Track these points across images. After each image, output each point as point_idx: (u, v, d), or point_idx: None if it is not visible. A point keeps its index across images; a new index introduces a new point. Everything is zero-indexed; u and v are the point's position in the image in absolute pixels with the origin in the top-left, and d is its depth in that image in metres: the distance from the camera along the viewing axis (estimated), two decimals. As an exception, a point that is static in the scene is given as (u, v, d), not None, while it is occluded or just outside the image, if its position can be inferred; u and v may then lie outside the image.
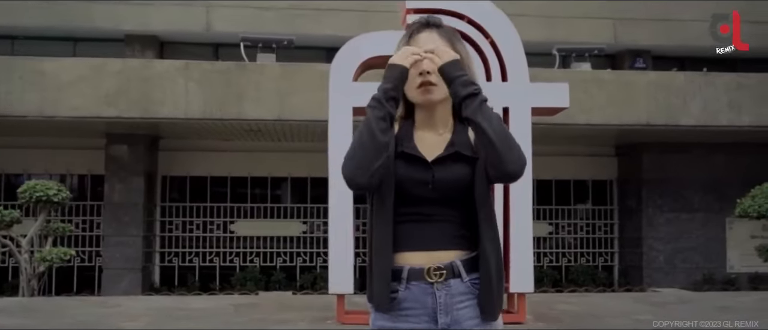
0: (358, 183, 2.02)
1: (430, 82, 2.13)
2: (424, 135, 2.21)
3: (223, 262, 12.90)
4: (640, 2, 12.66)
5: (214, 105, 10.21)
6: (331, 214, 6.03)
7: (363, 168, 2.02)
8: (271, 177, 13.13)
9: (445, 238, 2.14)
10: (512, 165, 2.04)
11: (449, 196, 2.13)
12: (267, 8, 12.56)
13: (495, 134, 2.03)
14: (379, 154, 2.02)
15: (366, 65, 6.17)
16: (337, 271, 5.93)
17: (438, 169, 2.13)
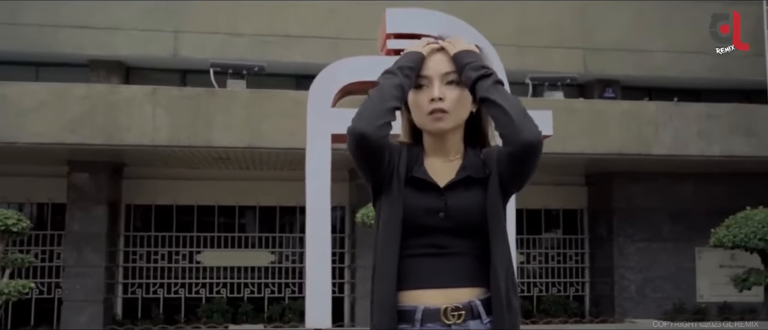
0: (363, 132, 1.90)
1: (442, 110, 2.00)
2: (435, 162, 2.07)
3: (188, 294, 12.54)
4: (610, 33, 12.76)
5: (182, 132, 9.97)
6: (308, 243, 5.83)
7: (370, 120, 1.92)
8: (239, 206, 12.86)
9: (462, 274, 1.97)
10: (528, 133, 1.91)
11: (463, 226, 1.97)
12: (236, 34, 12.39)
13: (510, 106, 1.94)
14: (388, 114, 1.93)
15: (345, 91, 6.03)
16: (314, 304, 5.73)
17: (450, 196, 1.99)
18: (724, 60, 13.32)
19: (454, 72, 2.03)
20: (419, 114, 2.04)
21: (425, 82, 2.04)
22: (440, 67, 2.04)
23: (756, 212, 8.58)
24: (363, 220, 8.45)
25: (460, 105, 2.03)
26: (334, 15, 12.63)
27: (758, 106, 11.71)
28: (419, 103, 2.03)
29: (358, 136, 1.92)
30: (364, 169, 2.01)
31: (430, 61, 2.06)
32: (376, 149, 1.94)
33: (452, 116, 2.01)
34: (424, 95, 2.02)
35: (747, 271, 8.70)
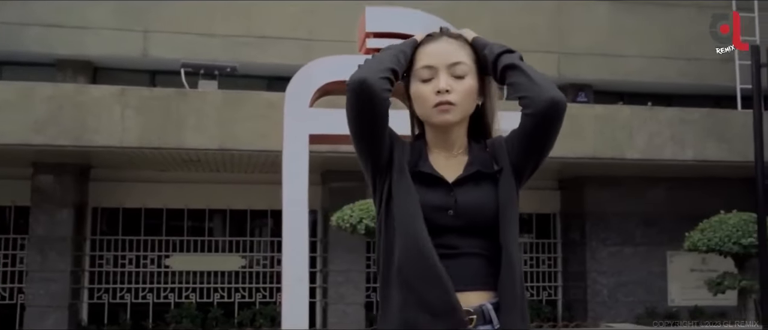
0: (364, 77, 1.81)
1: (449, 102, 1.88)
2: (439, 156, 1.95)
3: (157, 299, 12.27)
4: (584, 37, 12.79)
5: (152, 133, 9.74)
6: (285, 246, 5.69)
7: (370, 69, 1.84)
8: (209, 209, 12.63)
9: (473, 276, 1.85)
10: (553, 91, 1.85)
11: (474, 224, 1.86)
12: (208, 35, 12.19)
13: (534, 73, 1.88)
14: (387, 71, 1.85)
15: (322, 91, 5.90)
16: (291, 307, 5.58)
17: (459, 192, 1.87)
18: (696, 65, 13.46)
19: (461, 63, 1.92)
20: (424, 106, 1.92)
21: (430, 73, 1.92)
22: (446, 57, 1.92)
23: (730, 216, 8.62)
24: (338, 223, 8.31)
25: (467, 97, 1.92)
26: (307, 16, 12.50)
27: (730, 111, 11.81)
28: (424, 94, 1.91)
29: (359, 81, 1.81)
30: (365, 134, 1.88)
31: (434, 51, 1.94)
32: (379, 103, 1.82)
33: (459, 109, 1.91)
34: (430, 87, 1.91)
35: (721, 275, 8.73)
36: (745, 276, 8.66)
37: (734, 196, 11.75)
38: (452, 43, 1.95)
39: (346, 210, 8.28)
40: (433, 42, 1.96)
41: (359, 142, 1.91)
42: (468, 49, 1.96)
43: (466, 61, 1.93)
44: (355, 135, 1.90)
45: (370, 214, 8.02)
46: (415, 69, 1.95)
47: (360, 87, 1.81)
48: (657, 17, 13.49)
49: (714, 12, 13.50)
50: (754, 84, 7.18)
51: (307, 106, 5.78)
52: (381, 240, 1.91)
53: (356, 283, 12.04)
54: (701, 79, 13.43)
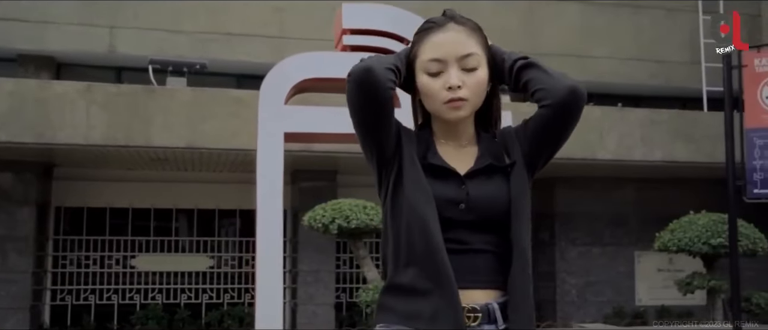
0: (370, 66, 1.72)
1: (460, 98, 1.80)
2: (447, 147, 1.87)
3: (122, 300, 12.02)
4: (555, 38, 12.82)
5: (118, 131, 9.52)
6: (259, 246, 5.56)
7: (375, 61, 1.76)
8: (176, 209, 12.42)
9: (481, 273, 1.78)
10: (570, 82, 1.78)
11: (485, 219, 1.78)
12: (176, 31, 11.96)
13: (549, 68, 1.83)
14: (390, 71, 1.78)
15: (298, 88, 5.79)
16: (265, 307, 5.47)
17: (471, 185, 1.79)
18: (664, 67, 13.59)
19: (472, 54, 1.82)
20: (434, 102, 1.83)
21: (439, 67, 1.82)
22: (456, 49, 1.82)
23: (699, 217, 8.68)
24: (310, 223, 8.19)
25: (479, 90, 1.84)
26: (278, 14, 12.35)
27: (698, 113, 11.93)
28: (433, 90, 1.82)
29: (365, 69, 1.73)
30: (370, 125, 1.79)
31: (442, 41, 1.83)
32: (383, 92, 1.74)
33: (471, 103, 1.83)
34: (439, 82, 1.81)
35: (691, 276, 8.79)
36: (714, 276, 8.72)
37: (701, 197, 11.86)
38: (461, 31, 1.84)
39: (318, 210, 8.17)
40: (441, 31, 1.84)
41: (364, 133, 1.82)
42: (476, 35, 1.86)
43: (476, 51, 1.84)
44: (359, 126, 1.82)
45: (343, 213, 7.92)
46: (421, 60, 1.85)
47: (365, 75, 1.73)
48: (627, 19, 13.59)
49: (682, 15, 13.70)
50: (725, 86, 7.23)
51: (282, 104, 5.66)
52: (389, 233, 1.82)
53: (326, 284, 11.93)
54: (669, 81, 13.57)
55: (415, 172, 1.78)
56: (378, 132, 1.80)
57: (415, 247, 1.73)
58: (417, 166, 1.78)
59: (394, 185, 1.81)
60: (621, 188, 12.76)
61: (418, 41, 1.87)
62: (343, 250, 12.32)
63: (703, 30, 13.40)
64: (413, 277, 1.73)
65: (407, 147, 1.82)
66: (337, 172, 11.91)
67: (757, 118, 7.12)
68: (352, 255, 12.30)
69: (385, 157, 1.83)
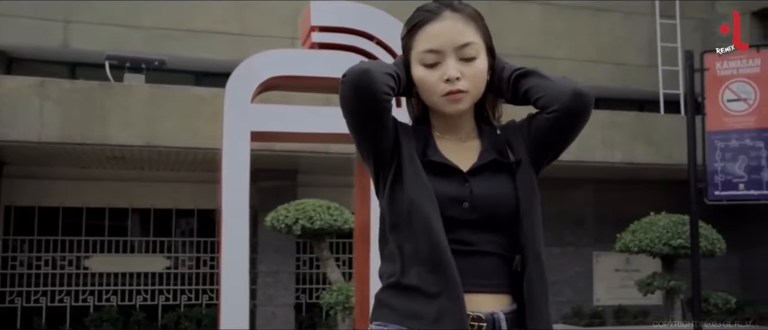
0: (367, 68, 1.63)
1: (459, 90, 1.71)
2: (447, 142, 1.77)
3: (75, 302, 11.70)
4: (515, 38, 12.87)
5: (73, 128, 9.24)
6: (224, 247, 5.41)
7: (373, 64, 1.67)
8: (132, 208, 12.13)
9: (487, 275, 1.68)
10: (575, 85, 1.71)
11: (490, 218, 1.68)
12: (133, 27, 11.67)
13: (550, 75, 1.76)
14: (389, 77, 1.70)
15: (265, 86, 5.65)
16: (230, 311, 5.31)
17: (475, 182, 1.70)
18: (622, 70, 13.76)
19: (471, 44, 1.73)
20: (431, 95, 1.74)
21: (436, 58, 1.73)
22: (454, 38, 1.72)
23: (659, 218, 8.78)
24: (273, 224, 8.05)
25: (479, 81, 1.76)
26: (239, 11, 12.15)
27: (656, 115, 12.11)
28: (430, 82, 1.73)
29: (362, 71, 1.63)
30: (366, 128, 1.69)
31: (439, 31, 1.73)
32: (380, 97, 1.64)
33: (471, 95, 1.74)
34: (437, 73, 1.72)
35: (651, 276, 8.89)
36: (673, 276, 8.83)
37: (658, 198, 12.04)
38: (458, 19, 1.74)
39: (281, 210, 8.04)
40: (437, 21, 1.73)
41: (359, 136, 1.73)
42: (474, 22, 1.77)
43: (475, 39, 1.75)
44: (353, 129, 1.72)
45: (307, 214, 7.81)
46: (417, 51, 1.75)
47: (361, 78, 1.62)
48: (585, 22, 13.72)
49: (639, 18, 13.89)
50: (687, 90, 7.32)
51: (248, 102, 5.51)
52: (390, 235, 1.72)
53: (286, 285, 11.79)
54: (627, 84, 13.75)
55: (416, 170, 1.69)
56: (374, 135, 1.71)
57: (419, 248, 1.64)
58: (417, 164, 1.70)
59: (392, 184, 1.71)
60: (580, 189, 12.88)
61: (413, 31, 1.77)
62: (303, 250, 12.20)
63: (660, 34, 13.61)
64: (419, 279, 1.64)
65: (406, 144, 1.73)
66: (298, 172, 11.78)
67: (718, 121, 7.22)
68: (312, 255, 12.18)
69: (382, 158, 1.74)
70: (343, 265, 12.01)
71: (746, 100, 7.15)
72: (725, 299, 8.87)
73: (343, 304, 7.89)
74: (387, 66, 1.72)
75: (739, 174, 7.09)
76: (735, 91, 7.17)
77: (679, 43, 13.41)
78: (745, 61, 7.23)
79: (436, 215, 1.64)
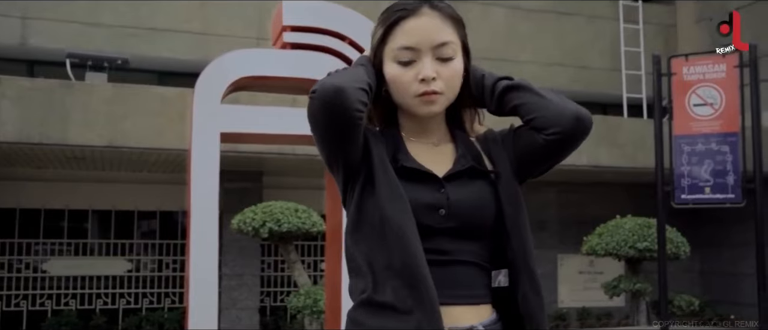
0: (341, 85, 1.53)
1: (434, 91, 1.62)
2: (417, 147, 1.68)
3: (32, 306, 11.39)
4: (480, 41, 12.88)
5: (32, 128, 8.98)
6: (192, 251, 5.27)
7: (345, 78, 1.57)
8: (93, 210, 11.86)
9: (467, 287, 1.60)
10: (573, 105, 1.65)
11: (470, 226, 1.61)
12: (94, 25, 11.41)
13: (544, 90, 1.66)
14: (363, 92, 1.58)
15: (236, 85, 5.54)
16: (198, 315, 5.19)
17: (452, 188, 1.61)
18: (586, 73, 13.88)
19: (448, 43, 1.64)
20: (404, 94, 1.65)
21: (411, 56, 1.64)
22: (431, 36, 1.64)
23: (626, 221, 8.86)
24: (239, 227, 7.92)
25: (454, 83, 1.67)
26: (202, 9, 11.96)
27: (620, 118, 12.23)
28: (404, 81, 1.64)
29: (335, 89, 1.52)
30: (336, 145, 1.60)
31: (416, 28, 1.63)
32: (353, 114, 1.54)
33: (446, 97, 1.66)
34: (411, 72, 1.63)
35: (617, 279, 8.97)
36: (638, 279, 8.92)
37: (621, 200, 12.21)
38: (436, 17, 1.65)
39: (248, 213, 7.91)
40: (414, 17, 1.64)
41: (327, 151, 1.64)
42: (452, 21, 1.68)
43: (452, 39, 1.66)
44: (322, 144, 1.63)
45: (274, 216, 7.70)
46: (391, 47, 1.66)
47: (334, 97, 1.52)
48: (550, 25, 13.82)
49: (603, 22, 14.04)
50: (655, 94, 7.38)
51: (218, 103, 5.40)
52: (361, 246, 1.61)
53: (250, 287, 11.63)
54: (590, 87, 13.87)
55: (388, 178, 1.59)
56: (344, 150, 1.61)
57: (393, 262, 1.54)
58: (389, 172, 1.60)
59: (362, 193, 1.62)
60: (544, 191, 12.94)
61: (389, 27, 1.67)
62: (268, 253, 12.06)
63: (623, 38, 13.77)
64: (394, 295, 1.53)
65: (376, 150, 1.63)
66: (263, 173, 11.64)
67: (685, 126, 7.29)
68: (277, 258, 12.06)
69: (352, 168, 1.64)
70: (309, 268, 11.91)
71: (712, 104, 7.23)
72: (689, 301, 9.00)
73: (311, 307, 7.80)
74: (359, 77, 1.61)
75: (705, 178, 7.17)
76: (701, 96, 7.25)
77: (642, 48, 13.60)
78: (710, 66, 7.32)
79: (411, 226, 1.55)
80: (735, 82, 7.22)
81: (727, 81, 7.21)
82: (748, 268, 11.66)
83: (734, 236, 12.56)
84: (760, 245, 6.73)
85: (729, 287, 13.10)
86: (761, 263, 6.73)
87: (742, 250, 12.43)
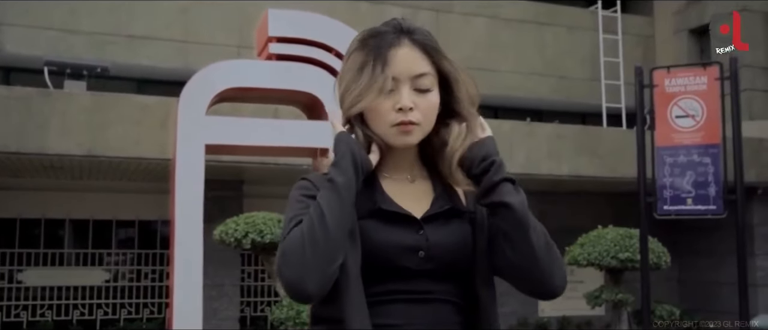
0: (307, 292, 1.45)
1: (411, 122, 1.58)
2: (393, 185, 1.64)
3: (7, 317, 11.18)
4: (461, 50, 12.93)
5: (10, 136, 8.82)
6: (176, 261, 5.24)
7: (317, 271, 1.45)
8: (70, 219, 11.69)
9: (442, 324, 1.58)
10: (558, 279, 1.59)
11: (447, 268, 1.58)
12: (72, 31, 11.28)
13: (537, 239, 1.56)
14: (339, 254, 1.47)
15: (220, 97, 5.50)
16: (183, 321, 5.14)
17: (430, 229, 1.58)
18: (566, 83, 13.98)
19: (426, 75, 1.61)
20: (380, 124, 1.61)
21: (392, 86, 1.60)
22: (411, 67, 1.60)
23: (608, 231, 8.87)
24: (221, 237, 7.83)
25: (431, 115, 1.63)
26: (183, 16, 11.87)
27: (600, 128, 12.32)
28: (382, 110, 1.59)
29: (300, 294, 1.47)
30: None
31: (396, 58, 1.60)
32: (326, 290, 1.49)
33: (422, 129, 1.62)
34: (389, 102, 1.59)
35: (599, 289, 8.98)
36: (619, 289, 8.95)
37: (601, 210, 12.27)
38: (415, 49, 1.62)
39: (230, 223, 7.81)
40: (395, 47, 1.61)
41: None
42: (427, 56, 1.63)
43: (430, 71, 1.62)
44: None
45: (257, 227, 7.62)
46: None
47: (297, 296, 1.48)
48: (530, 35, 13.90)
49: (582, 33, 14.14)
50: (637, 105, 7.42)
51: (203, 114, 5.35)
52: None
53: (231, 298, 11.52)
54: (570, 97, 13.97)
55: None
56: None
57: (340, 305, 1.54)
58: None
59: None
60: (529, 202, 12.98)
61: (356, 54, 1.64)
62: (248, 262, 11.96)
63: (602, 48, 13.88)
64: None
65: None
66: (244, 183, 11.55)
67: (667, 137, 7.33)
68: (257, 268, 11.96)
69: None
70: (289, 277, 11.81)
71: (694, 116, 7.28)
72: (670, 311, 9.02)
73: (294, 319, 7.73)
74: (333, 245, 1.48)
75: (687, 189, 7.21)
76: (683, 108, 7.30)
77: (621, 58, 13.72)
78: (692, 79, 7.37)
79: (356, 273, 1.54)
80: (716, 94, 7.28)
81: (708, 93, 7.27)
82: (726, 277, 11.78)
83: (712, 245, 12.68)
84: (742, 257, 6.79)
85: (707, 296, 13.22)
86: (743, 273, 6.78)
87: (720, 259, 12.56)
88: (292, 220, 1.55)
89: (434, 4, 13.21)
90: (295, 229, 1.51)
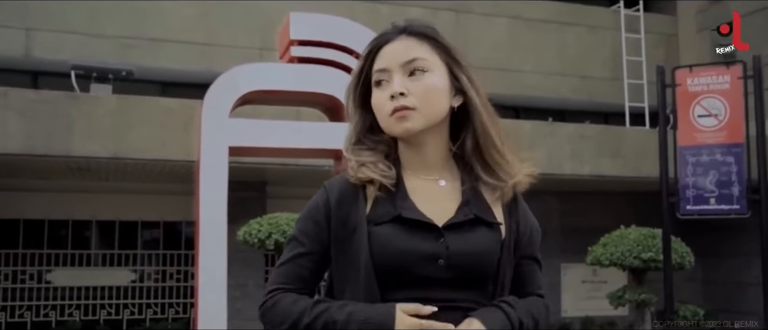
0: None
1: (405, 107, 1.57)
2: (417, 184, 1.63)
3: (36, 317, 11.37)
4: (482, 50, 12.93)
5: (37, 139, 8.99)
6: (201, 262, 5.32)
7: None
8: (97, 220, 11.86)
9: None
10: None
11: (468, 276, 1.56)
12: (96, 36, 11.44)
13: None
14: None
15: (243, 100, 5.57)
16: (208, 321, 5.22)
17: (452, 237, 1.55)
18: (587, 83, 13.92)
19: (417, 59, 1.61)
20: (381, 117, 1.62)
21: (384, 77, 1.62)
22: (400, 55, 1.62)
23: (630, 231, 8.84)
24: (245, 238, 7.92)
25: (430, 97, 1.61)
26: (205, 19, 11.99)
27: (622, 128, 12.25)
28: (378, 102, 1.62)
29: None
30: None
31: (387, 51, 1.63)
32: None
33: (421, 113, 1.59)
34: (385, 93, 1.61)
35: (622, 289, 8.95)
36: (642, 289, 8.91)
37: (623, 210, 12.20)
38: (409, 40, 1.64)
39: (254, 224, 7.91)
40: (388, 44, 1.65)
41: None
42: (428, 41, 1.64)
43: (424, 55, 1.62)
44: None
45: (280, 228, 7.70)
46: (372, 73, 1.67)
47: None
48: (552, 35, 13.85)
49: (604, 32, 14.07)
50: (660, 105, 7.41)
51: (226, 116, 5.43)
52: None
53: (254, 298, 11.61)
54: (592, 97, 13.91)
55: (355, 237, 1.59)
56: None
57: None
58: (360, 229, 1.58)
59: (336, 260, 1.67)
60: (546, 201, 12.94)
61: (369, 56, 1.69)
62: (272, 262, 12.05)
63: (625, 47, 13.81)
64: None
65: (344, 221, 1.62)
66: (267, 184, 11.65)
67: (689, 137, 7.31)
68: (280, 268, 12.04)
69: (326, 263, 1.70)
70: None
71: (716, 115, 7.25)
72: (694, 311, 8.98)
73: (317, 319, 7.80)
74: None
75: (710, 189, 7.19)
76: (705, 107, 7.27)
77: (644, 57, 13.63)
78: (714, 78, 7.34)
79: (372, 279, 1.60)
80: (739, 92, 7.24)
81: (731, 92, 7.24)
82: (751, 278, 11.68)
83: (736, 245, 12.57)
84: (766, 257, 6.74)
85: (731, 296, 13.11)
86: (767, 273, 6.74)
87: (744, 260, 12.45)
88: (292, 249, 1.72)
89: (454, 4, 13.22)
90: (293, 305, 1.63)
